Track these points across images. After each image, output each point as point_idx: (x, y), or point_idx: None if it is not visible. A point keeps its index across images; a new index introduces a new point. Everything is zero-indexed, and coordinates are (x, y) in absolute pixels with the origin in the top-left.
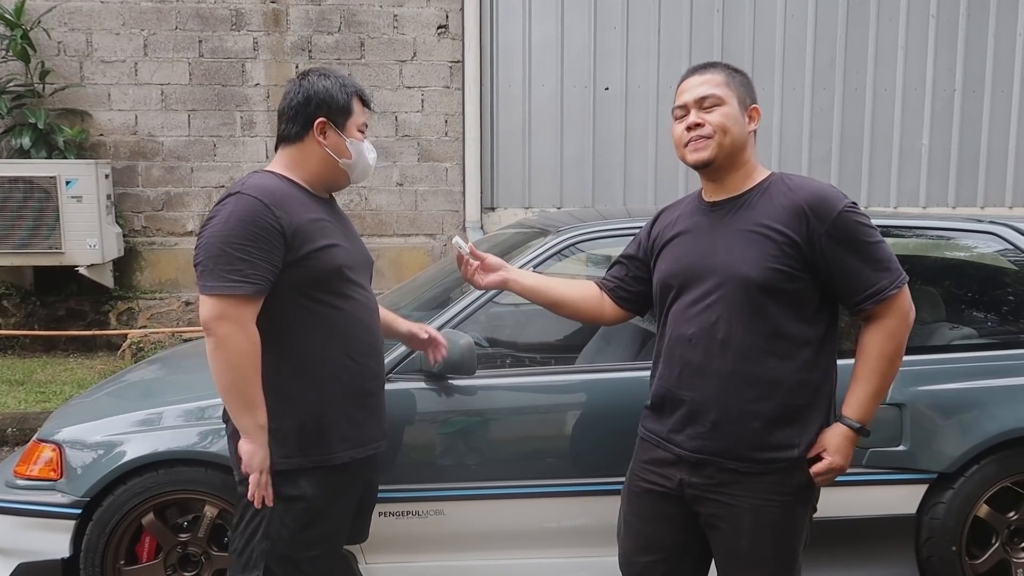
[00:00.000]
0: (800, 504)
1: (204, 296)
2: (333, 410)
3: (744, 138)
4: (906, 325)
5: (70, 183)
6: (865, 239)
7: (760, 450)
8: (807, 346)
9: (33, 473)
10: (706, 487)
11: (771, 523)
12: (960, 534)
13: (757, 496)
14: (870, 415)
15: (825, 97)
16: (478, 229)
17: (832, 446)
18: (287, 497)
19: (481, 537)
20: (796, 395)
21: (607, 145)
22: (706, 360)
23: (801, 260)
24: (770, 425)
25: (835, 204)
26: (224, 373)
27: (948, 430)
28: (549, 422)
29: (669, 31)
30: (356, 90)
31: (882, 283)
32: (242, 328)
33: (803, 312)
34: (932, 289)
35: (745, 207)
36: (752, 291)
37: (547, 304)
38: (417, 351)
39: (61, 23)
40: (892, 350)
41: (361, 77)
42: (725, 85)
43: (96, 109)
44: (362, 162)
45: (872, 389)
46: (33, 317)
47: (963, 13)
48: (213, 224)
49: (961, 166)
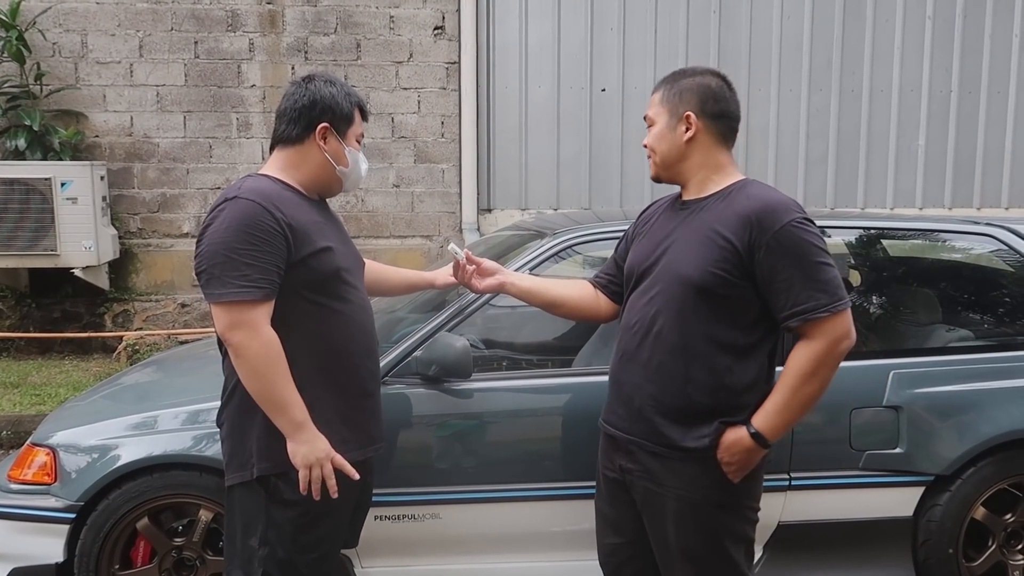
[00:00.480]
0: (722, 499)
1: (214, 305)
2: (331, 412)
3: (677, 151)
4: (833, 352)
5: (65, 185)
6: (806, 256)
7: (674, 438)
8: (736, 352)
9: (27, 477)
10: (637, 473)
11: (693, 514)
12: (957, 536)
13: (679, 486)
14: (773, 427)
15: (822, 98)
16: (475, 231)
17: (725, 442)
18: (285, 501)
19: (477, 541)
20: (716, 396)
21: (604, 146)
22: (640, 349)
23: (741, 268)
24: (688, 419)
25: (782, 217)
26: (249, 381)
27: (945, 432)
28: (545, 425)
29: (666, 32)
30: (358, 101)
31: (811, 303)
32: (256, 333)
33: (739, 319)
34: (928, 291)
35: (705, 210)
36: (689, 291)
37: (544, 305)
38: (412, 358)
39: (56, 24)
40: (809, 371)
41: (357, 78)
42: (659, 103)
43: (91, 110)
44: (356, 171)
45: (780, 401)
46: (28, 319)
47: (959, 14)
48: (212, 231)
49: (957, 167)
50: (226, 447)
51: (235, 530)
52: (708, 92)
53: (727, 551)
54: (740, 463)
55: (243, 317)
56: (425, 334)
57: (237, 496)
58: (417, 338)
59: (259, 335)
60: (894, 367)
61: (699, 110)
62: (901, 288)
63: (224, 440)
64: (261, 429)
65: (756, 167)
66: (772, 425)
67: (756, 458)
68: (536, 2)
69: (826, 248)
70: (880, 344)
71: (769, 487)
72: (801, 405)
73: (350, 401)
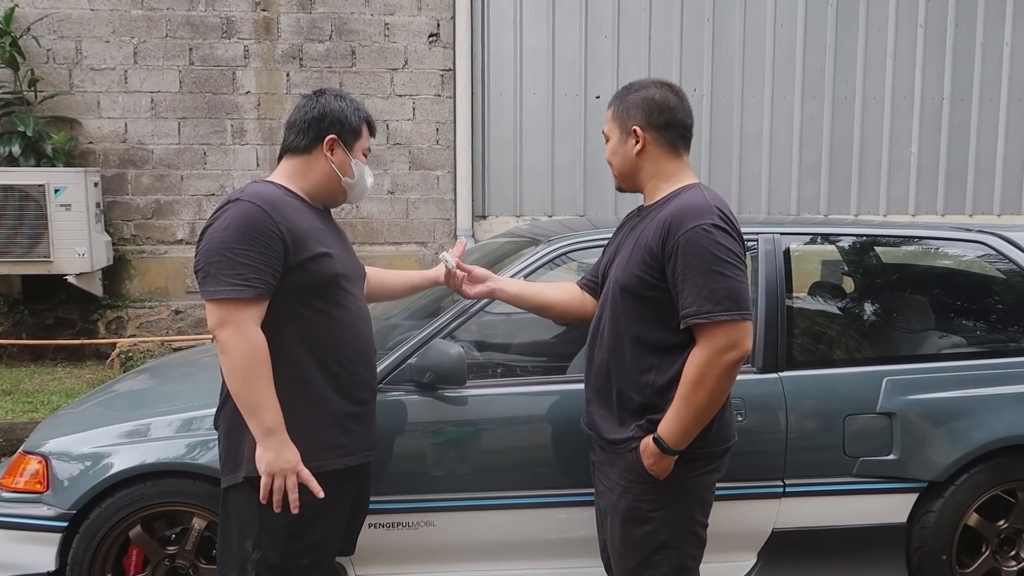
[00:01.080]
0: (644, 495)
1: (207, 302)
2: (325, 418)
3: (630, 164)
4: (716, 362)
5: (59, 191)
6: (702, 261)
7: (608, 431)
8: (662, 351)
9: (19, 486)
10: (596, 464)
11: (620, 506)
12: (950, 543)
13: (612, 479)
14: (671, 434)
15: (815, 105)
16: (469, 237)
17: (641, 448)
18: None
19: (471, 548)
20: (643, 392)
21: (598, 153)
22: (592, 350)
23: (659, 271)
24: (617, 413)
25: (690, 221)
26: (229, 378)
27: (938, 439)
28: (540, 432)
29: (660, 40)
30: (367, 116)
31: (693, 308)
32: (242, 332)
33: (666, 320)
34: (921, 298)
35: (647, 217)
36: (619, 294)
37: (534, 308)
38: (406, 365)
39: (51, 31)
40: (695, 378)
41: (352, 85)
42: (610, 119)
43: (85, 117)
44: (361, 183)
45: (675, 411)
46: (21, 326)
47: (951, 22)
48: (213, 230)
49: (950, 174)
50: (221, 449)
51: (229, 533)
52: (652, 104)
53: (652, 546)
54: (654, 467)
55: (233, 315)
56: (419, 341)
57: (231, 499)
58: (412, 345)
59: (245, 335)
60: (887, 374)
61: (646, 123)
62: (894, 295)
63: (220, 441)
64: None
65: (749, 174)
66: (670, 432)
67: (667, 463)
68: (530, 10)
69: (731, 257)
70: (873, 351)
71: (763, 494)
72: (694, 414)
73: (342, 407)
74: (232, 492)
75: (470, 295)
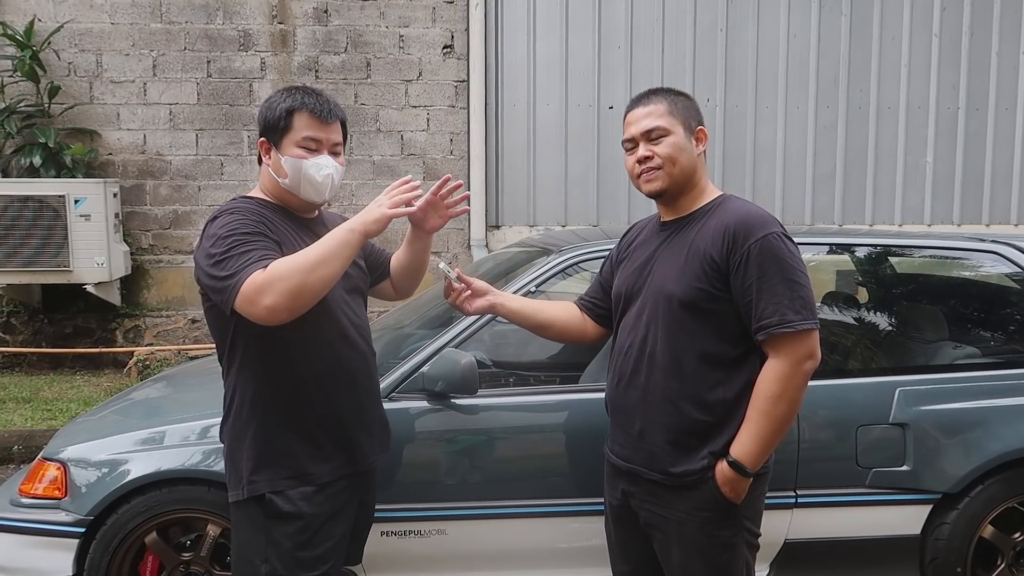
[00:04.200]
0: (723, 523)
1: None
2: (324, 427)
3: (694, 163)
4: (795, 372)
5: (79, 202)
6: (776, 270)
7: (673, 463)
8: (725, 365)
9: (38, 492)
10: (641, 496)
11: (694, 539)
12: (965, 555)
13: (679, 510)
14: (748, 454)
15: (829, 115)
16: (483, 247)
17: (718, 475)
18: (283, 515)
19: (483, 557)
20: (710, 412)
21: (611, 163)
22: (635, 372)
23: (722, 281)
24: (682, 439)
25: (758, 230)
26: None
27: (952, 450)
28: (552, 441)
29: (673, 50)
30: (294, 105)
31: (775, 318)
32: (256, 280)
33: (725, 332)
34: (935, 308)
35: (688, 227)
36: (675, 308)
37: (533, 327)
38: (418, 374)
39: (72, 44)
40: (776, 392)
41: (367, 97)
42: (669, 114)
43: (105, 128)
44: (304, 179)
45: (753, 429)
46: (40, 334)
47: (966, 32)
48: (208, 236)
49: (965, 184)
50: (225, 464)
51: (238, 548)
52: (699, 114)
53: (731, 573)
54: (731, 492)
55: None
56: (432, 350)
57: (237, 514)
58: (424, 354)
59: (264, 277)
60: (900, 384)
61: (702, 127)
62: (908, 305)
63: (226, 457)
64: (251, 448)
65: (763, 185)
66: (747, 452)
67: (744, 485)
68: (544, 21)
69: (801, 266)
70: (887, 361)
71: (775, 504)
72: (773, 429)
73: (342, 415)
74: (237, 507)
75: (470, 311)
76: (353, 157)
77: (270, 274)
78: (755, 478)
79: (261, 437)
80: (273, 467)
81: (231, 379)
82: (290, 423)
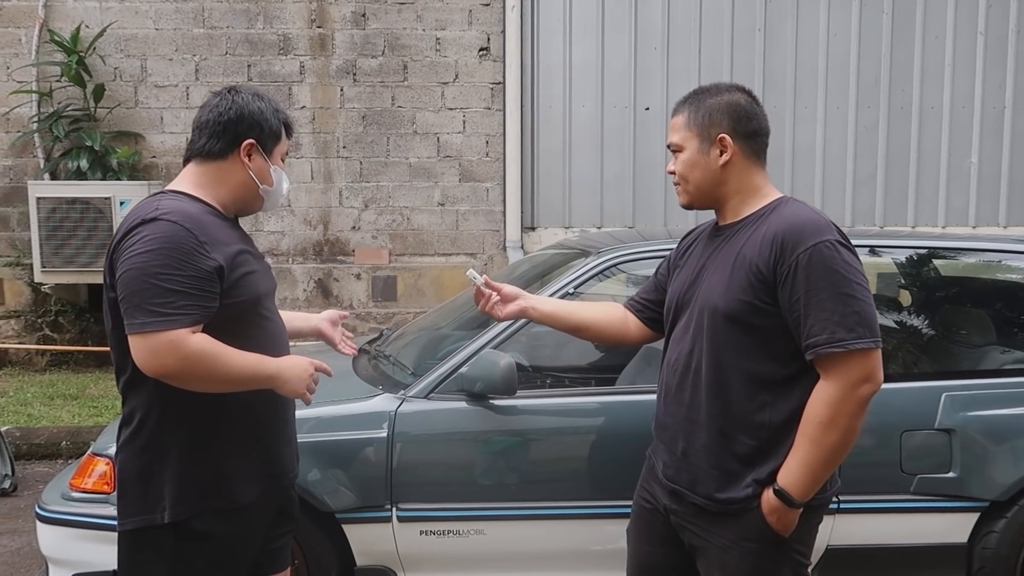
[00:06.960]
0: (770, 555)
1: (132, 337)
2: (251, 441)
3: (712, 177)
4: (848, 397)
5: (124, 203)
6: (826, 282)
7: (718, 489)
8: (774, 386)
9: (88, 486)
10: (684, 516)
11: (737, 568)
12: (1014, 564)
13: (724, 537)
14: (796, 484)
15: (870, 115)
16: (518, 248)
17: (764, 504)
18: (196, 535)
19: (521, 557)
20: (755, 435)
21: (648, 165)
22: (680, 388)
23: (770, 294)
24: (725, 463)
25: (808, 238)
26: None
27: (1000, 457)
28: (589, 443)
29: (710, 51)
30: (286, 118)
31: (824, 336)
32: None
33: (774, 349)
34: (982, 311)
35: (738, 234)
36: (720, 322)
37: (568, 329)
38: (457, 375)
39: (117, 49)
40: (826, 418)
41: (404, 99)
42: (684, 127)
43: (149, 132)
44: (278, 191)
45: (802, 456)
46: (87, 333)
47: (1012, 29)
48: (134, 256)
49: (1012, 185)
50: (127, 487)
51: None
52: (740, 110)
53: None
54: (778, 524)
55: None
56: (471, 351)
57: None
58: (463, 355)
59: (185, 346)
60: (946, 389)
61: (732, 131)
62: (953, 309)
63: (121, 480)
64: (174, 470)
65: (802, 186)
66: (795, 482)
67: (792, 516)
68: (580, 22)
69: (858, 277)
70: (932, 365)
71: None
72: (826, 458)
73: (265, 431)
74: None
75: (500, 317)
76: (390, 159)
77: (193, 350)
78: (807, 509)
79: (186, 458)
80: (200, 489)
81: (141, 395)
82: (216, 441)
